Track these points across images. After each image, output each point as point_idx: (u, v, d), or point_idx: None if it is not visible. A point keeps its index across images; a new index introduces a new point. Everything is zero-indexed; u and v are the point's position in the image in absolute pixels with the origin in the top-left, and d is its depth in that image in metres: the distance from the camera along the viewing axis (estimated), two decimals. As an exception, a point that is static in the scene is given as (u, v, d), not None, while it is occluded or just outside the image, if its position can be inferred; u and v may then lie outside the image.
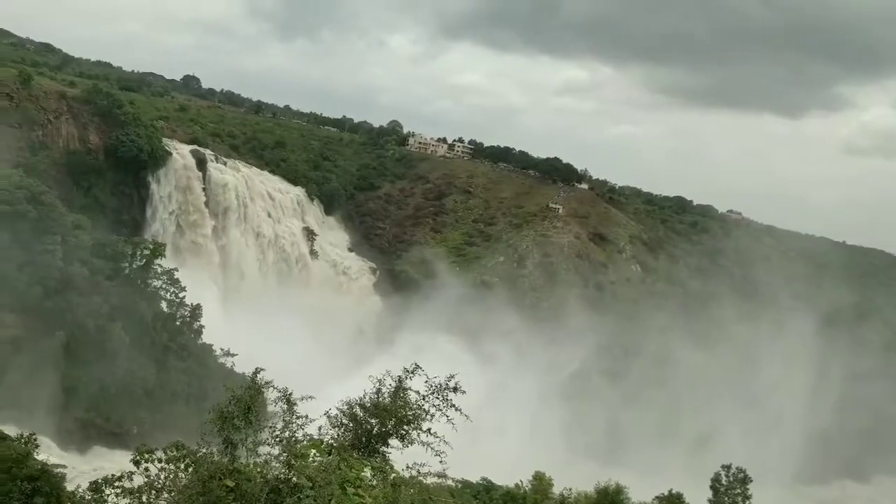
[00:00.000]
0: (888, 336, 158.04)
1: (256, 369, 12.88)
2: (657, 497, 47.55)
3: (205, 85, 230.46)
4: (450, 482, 36.27)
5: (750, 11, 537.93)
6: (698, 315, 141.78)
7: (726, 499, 50.77)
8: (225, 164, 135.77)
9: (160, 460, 11.76)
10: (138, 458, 12.13)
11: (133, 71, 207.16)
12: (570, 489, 38.06)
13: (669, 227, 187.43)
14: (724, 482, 51.35)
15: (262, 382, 12.24)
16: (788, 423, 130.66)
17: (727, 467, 52.24)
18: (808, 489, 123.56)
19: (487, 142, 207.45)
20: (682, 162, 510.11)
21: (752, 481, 51.44)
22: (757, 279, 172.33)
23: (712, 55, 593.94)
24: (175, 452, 11.73)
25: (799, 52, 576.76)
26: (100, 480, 13.13)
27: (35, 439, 23.24)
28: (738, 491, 50.82)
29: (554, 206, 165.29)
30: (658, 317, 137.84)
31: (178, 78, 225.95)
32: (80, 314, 77.68)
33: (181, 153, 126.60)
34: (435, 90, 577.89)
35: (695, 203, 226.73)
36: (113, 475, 12.52)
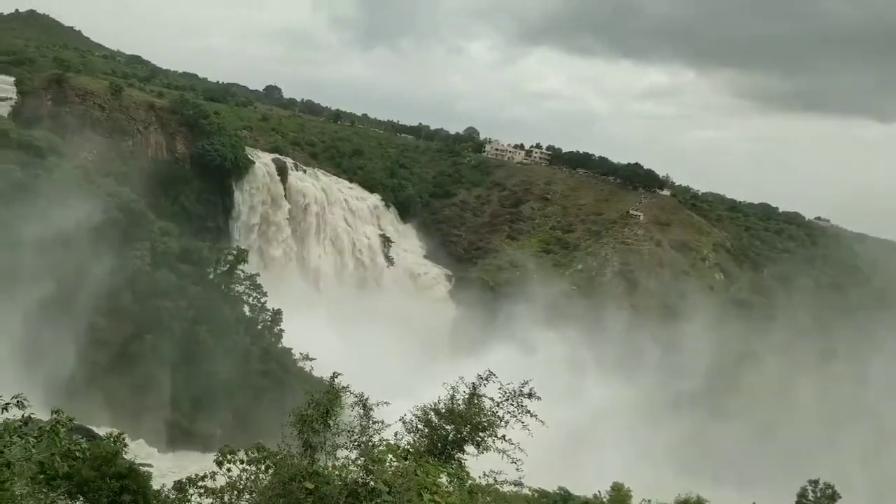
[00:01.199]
0: None
1: (334, 374, 13.04)
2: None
3: (286, 95, 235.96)
4: (526, 491, 36.06)
5: (842, 15, 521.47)
6: (784, 324, 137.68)
7: (813, 515, 49.15)
8: (304, 172, 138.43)
9: (242, 461, 12.01)
10: (221, 458, 12.41)
11: (218, 82, 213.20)
12: (650, 501, 37.32)
13: (754, 235, 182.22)
14: (810, 498, 49.68)
15: (340, 387, 12.39)
16: (885, 438, 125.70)
17: (814, 482, 50.52)
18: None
19: (566, 147, 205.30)
20: (766, 168, 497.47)
21: (840, 498, 49.61)
22: (846, 287, 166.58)
23: (801, 59, 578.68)
24: (256, 454, 11.96)
25: (892, 55, 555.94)
26: (184, 480, 13.50)
27: (123, 438, 23.91)
28: (827, 508, 49.12)
29: (634, 213, 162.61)
30: (743, 326, 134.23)
31: (260, 88, 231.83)
32: (167, 318, 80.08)
33: (263, 161, 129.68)
34: (512, 96, 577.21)
35: (780, 210, 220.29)
36: (196, 475, 12.85)
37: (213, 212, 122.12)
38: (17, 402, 11.37)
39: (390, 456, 11.15)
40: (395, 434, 12.24)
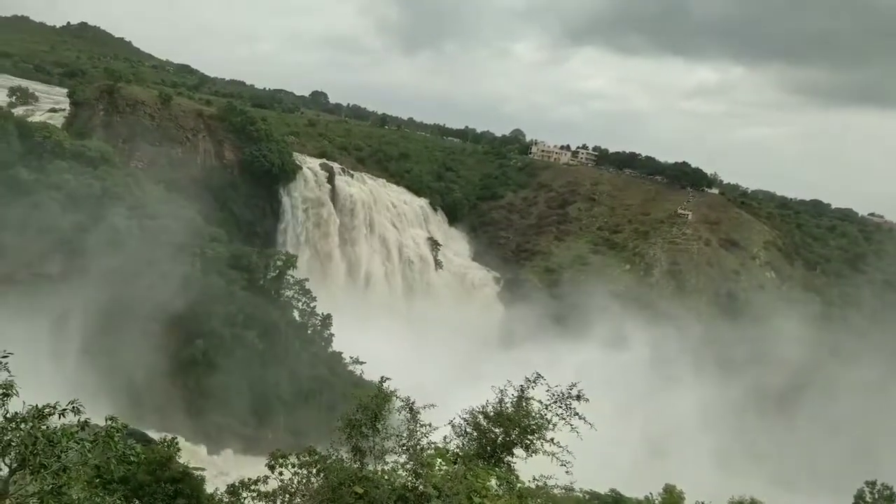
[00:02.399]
0: None
1: (382, 378, 13.07)
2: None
3: (332, 100, 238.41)
4: (577, 493, 35.70)
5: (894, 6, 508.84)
6: (841, 323, 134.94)
7: (872, 515, 47.97)
8: (352, 176, 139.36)
9: (293, 465, 12.10)
10: (273, 462, 12.53)
11: (265, 88, 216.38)
12: (703, 502, 36.79)
13: (805, 232, 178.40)
14: (867, 499, 48.51)
15: (388, 391, 12.42)
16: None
17: (871, 483, 49.33)
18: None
19: (612, 148, 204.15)
20: (817, 164, 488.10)
21: (898, 497, 48.37)
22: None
23: (854, 53, 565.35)
24: (308, 458, 12.03)
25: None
26: (237, 483, 13.65)
27: (177, 443, 24.37)
28: (885, 509, 47.89)
29: (682, 212, 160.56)
30: (796, 326, 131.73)
31: (307, 94, 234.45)
32: (218, 323, 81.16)
33: (310, 167, 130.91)
34: (558, 97, 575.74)
35: (833, 206, 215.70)
36: (249, 479, 12.99)
37: (261, 217, 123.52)
38: (73, 407, 11.62)
39: (439, 460, 11.11)
40: (444, 438, 12.23)
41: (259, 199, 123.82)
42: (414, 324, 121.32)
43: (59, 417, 11.51)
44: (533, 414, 12.78)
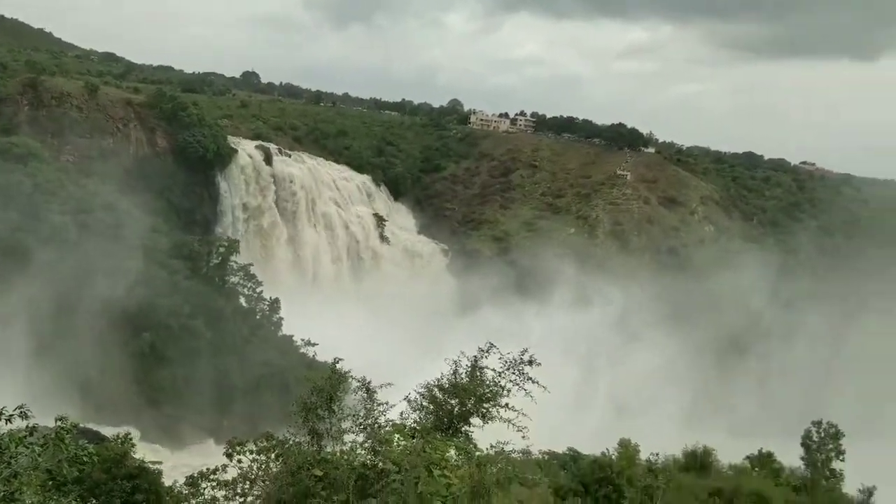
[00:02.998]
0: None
1: (335, 359, 13.04)
2: (748, 457, 46.77)
3: (264, 80, 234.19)
4: (535, 456, 36.20)
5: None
6: (777, 271, 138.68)
7: (819, 455, 49.52)
8: (289, 156, 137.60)
9: (251, 452, 12.02)
10: (231, 450, 12.43)
11: (194, 72, 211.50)
12: (657, 454, 37.61)
13: (741, 185, 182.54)
14: (815, 439, 50.08)
15: (342, 372, 12.40)
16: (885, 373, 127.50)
17: (818, 423, 50.90)
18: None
19: (550, 113, 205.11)
20: (750, 117, 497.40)
21: (843, 435, 50.08)
22: (834, 229, 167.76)
23: (780, 6, 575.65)
24: (265, 443, 11.98)
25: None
26: (196, 475, 13.52)
27: (131, 438, 24.00)
28: (831, 446, 49.50)
29: (621, 172, 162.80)
30: (741, 276, 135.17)
31: (237, 75, 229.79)
32: (163, 315, 80.00)
33: (246, 149, 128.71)
34: (494, 65, 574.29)
35: (766, 158, 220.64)
36: (208, 469, 12.86)
37: (199, 204, 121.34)
38: (21, 412, 11.37)
39: (397, 436, 11.17)
40: (401, 414, 12.27)
41: (196, 186, 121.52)
42: (365, 302, 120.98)
43: (6, 423, 11.27)
44: (487, 382, 12.87)
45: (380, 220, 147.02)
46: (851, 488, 44.95)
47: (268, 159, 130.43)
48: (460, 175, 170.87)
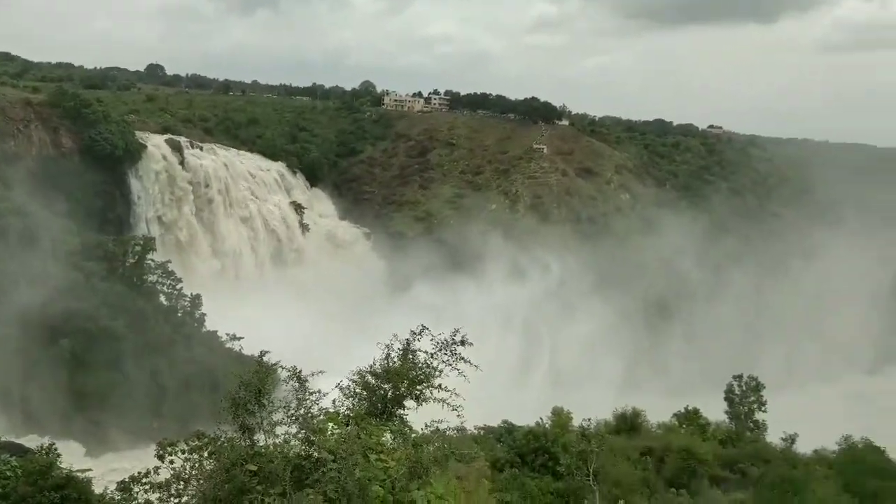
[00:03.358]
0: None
1: (261, 352, 12.92)
2: (675, 415, 48.21)
3: (169, 72, 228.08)
4: (471, 432, 36.58)
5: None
6: (695, 233, 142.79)
7: (742, 407, 51.46)
8: (201, 148, 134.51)
9: (184, 451, 11.83)
10: (162, 452, 12.21)
11: (96, 68, 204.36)
12: (589, 419, 38.50)
13: (653, 151, 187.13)
14: (737, 392, 52.02)
15: (269, 364, 12.28)
16: (797, 325, 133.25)
17: (739, 377, 52.88)
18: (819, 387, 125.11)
19: (464, 91, 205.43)
20: (658, 85, 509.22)
21: (764, 387, 52.10)
22: (744, 189, 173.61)
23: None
24: (197, 442, 11.81)
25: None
26: (127, 479, 13.24)
27: (56, 449, 23.36)
28: (753, 398, 51.52)
29: (537, 146, 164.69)
30: (658, 240, 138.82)
31: (142, 69, 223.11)
32: (82, 319, 77.60)
33: (156, 144, 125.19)
34: (405, 44, 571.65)
35: (675, 124, 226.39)
36: (139, 472, 12.61)
37: (112, 203, 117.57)
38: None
39: (331, 424, 11.14)
40: (334, 402, 12.23)
41: (107, 185, 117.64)
42: (290, 292, 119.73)
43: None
44: (420, 365, 12.92)
45: (299, 208, 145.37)
46: (775, 437, 46.75)
47: (179, 153, 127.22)
48: (378, 157, 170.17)
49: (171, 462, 12.01)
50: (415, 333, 13.16)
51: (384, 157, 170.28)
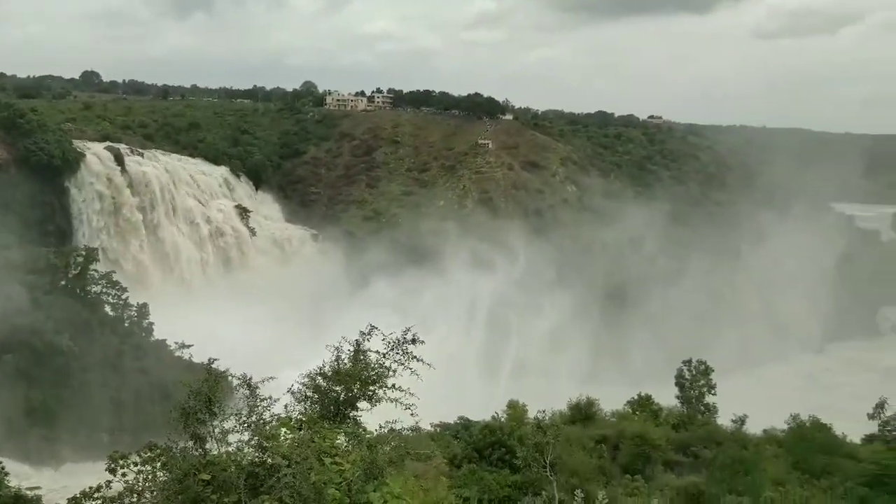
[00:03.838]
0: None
1: (210, 360, 12.77)
2: (628, 402, 48.84)
3: (106, 78, 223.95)
4: (428, 429, 36.60)
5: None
6: (640, 223, 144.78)
7: (692, 391, 52.29)
8: (142, 155, 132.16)
9: (136, 463, 11.64)
10: (113, 465, 11.98)
11: (29, 76, 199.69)
12: (544, 411, 38.84)
13: (596, 143, 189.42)
14: (687, 377, 52.82)
15: (219, 372, 12.14)
16: (748, 309, 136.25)
17: (688, 362, 53.71)
18: (769, 368, 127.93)
19: (406, 88, 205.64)
20: (598, 77, 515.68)
21: (713, 371, 53.03)
22: (686, 177, 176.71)
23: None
24: (150, 453, 11.63)
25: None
26: (78, 494, 12.96)
27: (3, 468, 22.83)
28: (703, 382, 52.35)
29: (482, 141, 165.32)
30: (610, 230, 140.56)
31: (77, 76, 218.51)
32: (26, 334, 75.95)
33: (95, 152, 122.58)
34: (346, 43, 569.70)
35: (616, 115, 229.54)
36: (91, 487, 12.37)
37: (51, 214, 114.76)
38: None
39: (284, 429, 11.07)
40: (286, 407, 12.15)
41: (45, 196, 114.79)
42: (239, 296, 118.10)
43: None
44: (372, 365, 12.90)
45: (244, 212, 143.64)
46: (726, 419, 47.66)
47: (119, 160, 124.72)
48: (322, 158, 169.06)
49: (124, 475, 11.80)
50: (364, 334, 13.13)
51: (329, 158, 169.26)
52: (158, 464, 11.36)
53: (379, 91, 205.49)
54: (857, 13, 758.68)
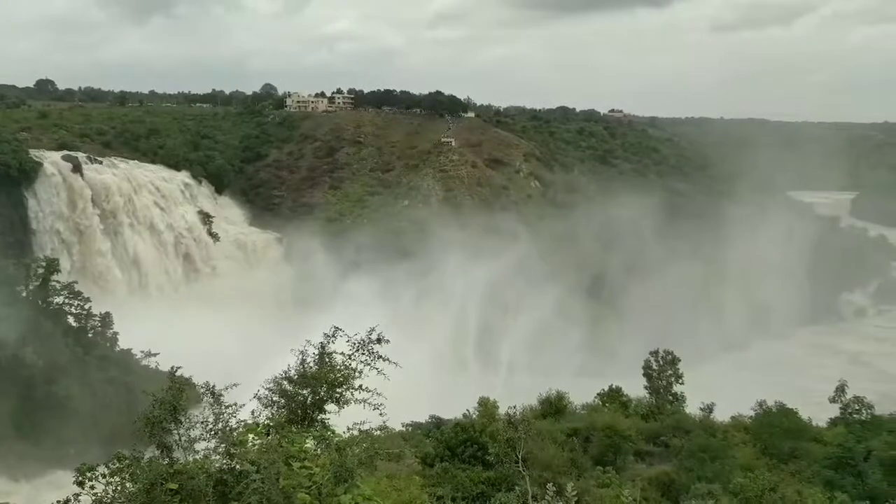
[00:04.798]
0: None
1: (173, 367, 12.63)
2: (598, 394, 49.25)
3: (61, 86, 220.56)
4: (399, 429, 36.62)
5: None
6: (605, 216, 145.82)
7: (660, 382, 52.83)
8: (101, 163, 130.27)
9: (104, 475, 11.48)
10: (81, 477, 11.80)
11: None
12: (515, 406, 39.02)
13: (558, 138, 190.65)
14: (654, 367, 53.35)
15: (183, 379, 12.01)
16: (715, 298, 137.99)
17: (655, 353, 54.26)
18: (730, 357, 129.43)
19: (368, 88, 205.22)
20: (559, 72, 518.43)
21: (680, 360, 53.63)
22: (647, 170, 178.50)
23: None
24: (118, 464, 11.48)
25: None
26: (46, 509, 12.79)
27: (-34, 485, 22.40)
28: (670, 372, 52.92)
29: (445, 139, 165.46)
30: (566, 226, 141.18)
31: (31, 85, 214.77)
32: (-13, 348, 74.65)
33: (52, 161, 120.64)
34: (306, 44, 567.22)
35: (577, 110, 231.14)
36: (59, 501, 12.18)
37: (9, 226, 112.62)
38: None
39: (251, 435, 10.98)
40: (253, 412, 12.06)
41: (2, 207, 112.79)
42: (204, 302, 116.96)
43: None
44: (338, 367, 12.83)
45: (206, 217, 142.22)
46: (694, 408, 48.22)
47: (78, 169, 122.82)
48: (284, 160, 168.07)
49: (92, 487, 11.63)
50: (328, 336, 13.06)
51: (291, 160, 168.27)
52: (127, 475, 11.22)
53: (339, 92, 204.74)
54: (810, 3, 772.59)
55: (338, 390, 12.66)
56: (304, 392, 12.71)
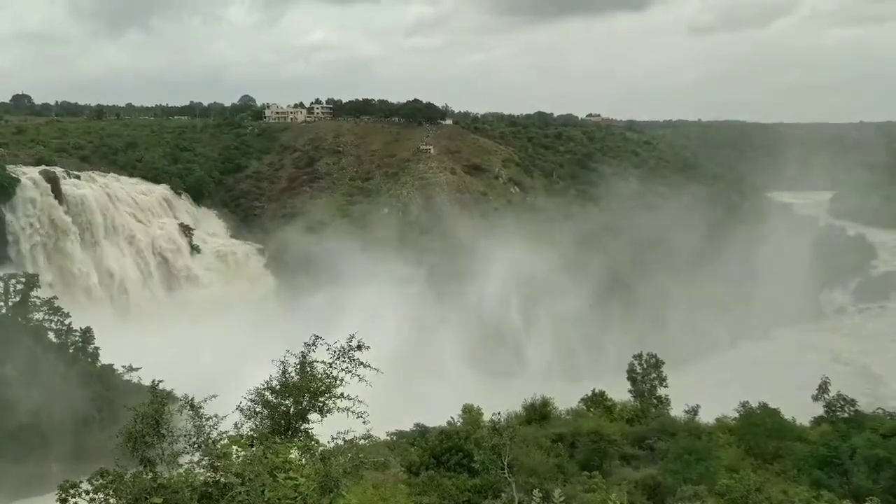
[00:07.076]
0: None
1: (154, 381, 12.56)
2: (582, 399, 49.28)
3: (38, 101, 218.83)
4: (384, 437, 36.47)
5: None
6: (585, 222, 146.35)
7: (644, 385, 53.02)
8: (79, 177, 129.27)
9: (87, 492, 11.38)
10: (64, 495, 11.70)
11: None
12: (499, 413, 38.98)
13: (537, 144, 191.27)
14: (638, 370, 53.55)
15: (165, 393, 11.95)
16: (701, 302, 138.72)
17: (638, 356, 54.48)
18: (713, 359, 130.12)
19: (346, 98, 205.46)
20: (537, 78, 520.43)
21: (664, 363, 53.85)
22: (627, 173, 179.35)
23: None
24: (102, 480, 11.39)
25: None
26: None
27: (-53, 506, 22.14)
28: (654, 375, 53.13)
29: (424, 147, 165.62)
30: (546, 229, 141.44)
31: (6, 100, 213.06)
32: (-35, 366, 73.81)
33: (30, 177, 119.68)
34: (284, 55, 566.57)
35: (555, 115, 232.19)
36: (44, 520, 12.10)
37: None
38: None
39: (235, 447, 10.94)
40: (236, 424, 12.00)
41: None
42: (185, 315, 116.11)
43: None
44: (319, 376, 12.81)
45: (186, 230, 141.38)
46: (679, 410, 48.33)
47: (55, 183, 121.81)
48: (264, 171, 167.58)
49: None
50: (309, 345, 13.04)
51: (271, 171, 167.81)
52: (111, 490, 11.14)
53: (318, 102, 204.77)
54: (787, 4, 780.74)
55: (320, 399, 12.64)
56: (287, 402, 12.69)
